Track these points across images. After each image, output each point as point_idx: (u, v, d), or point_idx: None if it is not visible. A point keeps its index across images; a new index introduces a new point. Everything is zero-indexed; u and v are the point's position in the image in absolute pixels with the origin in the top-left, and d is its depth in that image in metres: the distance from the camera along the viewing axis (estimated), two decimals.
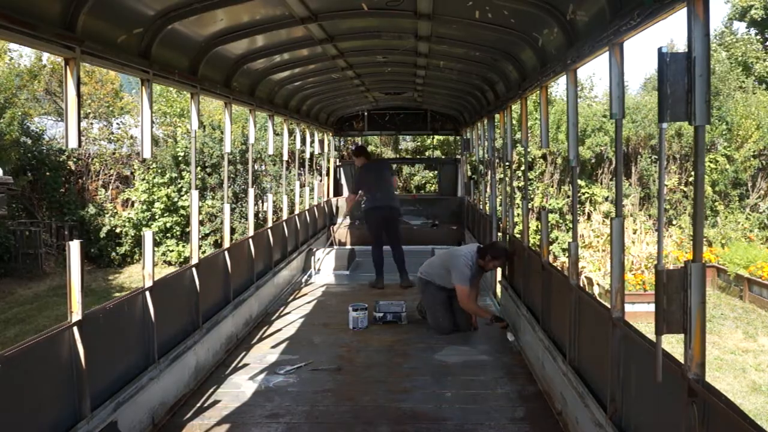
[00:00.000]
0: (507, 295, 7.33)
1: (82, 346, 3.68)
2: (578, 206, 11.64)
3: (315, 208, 11.84)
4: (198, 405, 4.94)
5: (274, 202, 9.78)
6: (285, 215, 9.95)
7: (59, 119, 18.48)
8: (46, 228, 15.71)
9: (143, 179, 16.82)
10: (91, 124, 18.47)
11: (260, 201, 16.03)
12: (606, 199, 17.28)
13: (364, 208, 9.44)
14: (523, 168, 9.51)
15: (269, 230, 8.46)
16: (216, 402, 5.01)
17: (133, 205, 17.16)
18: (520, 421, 4.66)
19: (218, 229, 16.29)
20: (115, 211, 17.37)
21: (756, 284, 12.26)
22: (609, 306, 3.72)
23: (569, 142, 4.53)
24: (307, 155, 11.64)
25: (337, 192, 14.00)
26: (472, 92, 9.13)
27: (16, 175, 15.09)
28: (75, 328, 3.66)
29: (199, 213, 6.11)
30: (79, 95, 3.68)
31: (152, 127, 4.97)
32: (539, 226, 6.60)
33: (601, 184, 17.78)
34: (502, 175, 8.51)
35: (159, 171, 16.67)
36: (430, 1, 5.04)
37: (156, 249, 14.76)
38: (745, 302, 12.27)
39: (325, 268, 10.42)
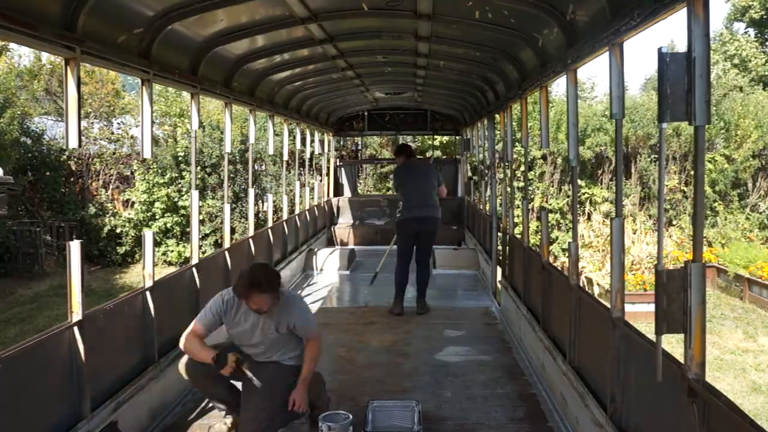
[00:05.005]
0: (507, 295, 7.32)
1: (82, 346, 3.68)
2: (578, 206, 11.63)
3: (315, 208, 11.85)
4: (199, 405, 4.93)
5: (274, 202, 9.77)
6: (285, 215, 9.96)
7: (59, 119, 18.48)
8: (46, 228, 15.70)
9: (143, 179, 16.82)
10: (92, 123, 18.47)
11: (260, 201, 16.04)
12: (606, 199, 17.27)
13: (397, 218, 7.87)
14: (523, 168, 9.50)
15: (269, 230, 8.46)
16: None
17: (133, 205, 17.17)
18: (520, 421, 4.66)
19: (218, 229, 16.29)
20: (116, 211, 17.37)
21: (756, 284, 12.26)
22: (609, 306, 3.72)
23: (569, 142, 4.53)
24: (307, 155, 11.64)
25: (337, 192, 14.01)
26: (472, 92, 9.13)
27: (16, 175, 15.09)
28: (75, 328, 3.66)
29: (199, 213, 6.10)
30: (79, 95, 3.68)
31: (152, 127, 4.96)
32: (539, 226, 6.58)
33: (601, 184, 17.78)
34: (502, 175, 8.50)
35: (159, 171, 16.67)
36: (430, 1, 5.03)
37: (156, 249, 14.73)
38: (745, 302, 12.27)
39: (326, 267, 10.43)
